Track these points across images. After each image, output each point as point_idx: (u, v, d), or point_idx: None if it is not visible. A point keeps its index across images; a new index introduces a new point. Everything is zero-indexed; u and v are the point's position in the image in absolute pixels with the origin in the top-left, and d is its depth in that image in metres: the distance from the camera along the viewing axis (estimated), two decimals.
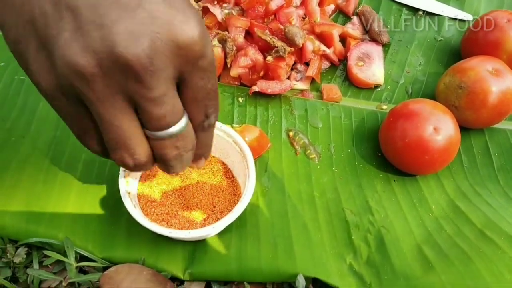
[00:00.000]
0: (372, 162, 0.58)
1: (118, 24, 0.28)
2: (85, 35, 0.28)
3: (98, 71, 0.28)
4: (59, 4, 0.28)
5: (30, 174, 0.52)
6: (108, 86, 0.29)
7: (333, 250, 0.49)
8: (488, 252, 0.47)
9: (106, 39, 0.27)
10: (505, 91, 0.57)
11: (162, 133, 0.32)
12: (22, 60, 0.31)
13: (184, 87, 0.32)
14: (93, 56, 0.28)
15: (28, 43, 0.30)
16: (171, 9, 0.29)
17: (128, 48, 0.28)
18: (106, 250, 0.48)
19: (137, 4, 0.28)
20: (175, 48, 0.29)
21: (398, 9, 0.75)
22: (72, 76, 0.28)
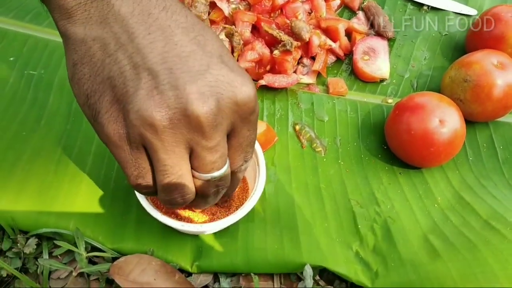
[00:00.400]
0: (378, 155, 0.59)
1: (191, 86, 0.33)
2: (160, 93, 0.33)
3: (168, 124, 0.33)
4: (138, 68, 0.33)
5: (41, 167, 0.52)
6: (174, 137, 0.34)
7: (339, 238, 0.50)
8: (494, 241, 0.48)
9: (181, 98, 0.32)
10: (510, 84, 0.57)
11: (209, 176, 0.37)
12: (92, 111, 0.35)
13: (233, 136, 0.37)
14: (167, 112, 0.33)
15: (102, 96, 0.34)
16: (232, 73, 0.34)
17: (200, 107, 0.33)
18: (116, 241, 0.48)
19: (205, 70, 0.34)
20: (235, 105, 0.35)
21: (403, 4, 0.75)
22: (145, 128, 0.33)
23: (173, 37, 0.34)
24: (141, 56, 0.33)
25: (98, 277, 0.48)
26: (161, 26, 0.34)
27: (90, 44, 0.34)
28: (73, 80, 0.36)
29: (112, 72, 0.34)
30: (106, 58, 0.34)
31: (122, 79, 0.33)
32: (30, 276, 0.48)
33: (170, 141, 0.34)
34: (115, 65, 0.34)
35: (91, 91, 0.35)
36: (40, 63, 0.62)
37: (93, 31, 0.34)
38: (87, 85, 0.35)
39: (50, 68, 0.62)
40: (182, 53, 0.34)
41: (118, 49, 0.34)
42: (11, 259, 0.48)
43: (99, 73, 0.34)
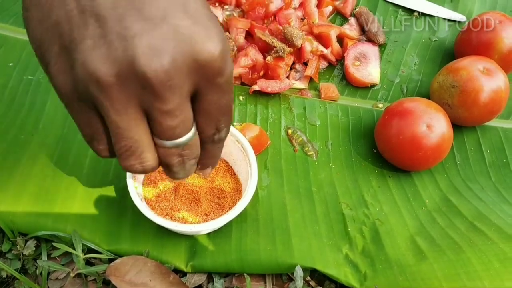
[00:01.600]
0: (368, 158, 0.60)
1: (141, 38, 0.28)
2: (107, 44, 0.28)
3: (116, 80, 0.29)
4: (86, 12, 0.29)
5: (39, 170, 0.54)
6: (124, 95, 0.30)
7: (330, 241, 0.51)
8: (478, 242, 0.49)
9: (127, 51, 0.28)
10: (496, 90, 0.59)
11: (170, 143, 0.33)
12: (43, 60, 0.32)
13: (199, 101, 0.33)
14: (113, 66, 0.29)
15: (51, 45, 0.31)
16: (195, 25, 0.30)
17: (148, 62, 0.28)
18: (113, 243, 0.50)
19: (161, 19, 0.29)
20: (195, 64, 0.30)
21: (394, 10, 0.77)
22: (90, 83, 0.29)
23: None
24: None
25: (95, 277, 0.49)
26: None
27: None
28: (26, 27, 0.32)
29: (59, 17, 0.30)
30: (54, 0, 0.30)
31: (69, 25, 0.29)
32: (29, 277, 0.49)
33: (120, 100, 0.30)
34: (62, 8, 0.30)
35: (41, 39, 0.31)
36: (38, 69, 0.64)
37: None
38: (36, 31, 0.31)
39: None
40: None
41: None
42: (11, 260, 0.50)
43: (47, 18, 0.30)
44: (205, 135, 0.35)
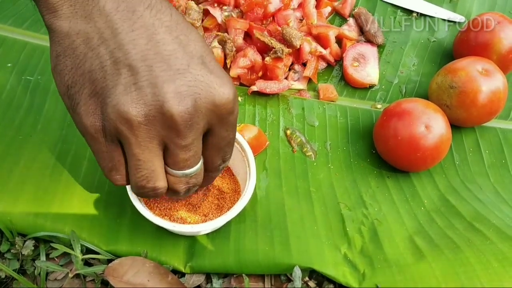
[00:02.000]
0: (366, 159, 0.61)
1: (169, 84, 0.34)
2: (139, 89, 0.34)
3: (144, 120, 0.34)
4: (119, 63, 0.34)
5: (37, 171, 0.54)
6: (149, 133, 0.35)
7: (328, 241, 0.51)
8: (476, 242, 0.49)
9: (157, 95, 0.33)
10: (494, 91, 0.59)
11: (181, 173, 0.39)
12: (71, 101, 0.36)
13: (211, 136, 0.38)
14: (143, 108, 0.34)
15: (82, 88, 0.35)
16: (211, 74, 0.36)
17: (175, 106, 0.34)
18: (111, 244, 0.50)
19: (185, 69, 0.35)
20: (212, 106, 0.35)
21: (393, 11, 0.77)
22: (120, 122, 0.34)
23: (156, 35, 0.35)
24: (123, 52, 0.34)
25: (94, 278, 0.49)
26: (145, 23, 0.35)
27: (74, 37, 0.35)
28: (56, 70, 0.37)
29: (93, 65, 0.35)
30: (89, 51, 0.35)
31: (102, 73, 0.34)
32: (27, 277, 0.49)
33: (144, 136, 0.35)
34: (97, 59, 0.35)
35: (72, 82, 0.36)
36: (37, 69, 0.64)
37: (78, 25, 0.35)
38: (68, 76, 0.36)
39: (47, 74, 0.63)
40: (163, 51, 0.34)
41: (101, 44, 0.34)
42: (10, 260, 0.50)
43: (81, 65, 0.35)
44: (212, 165, 0.41)
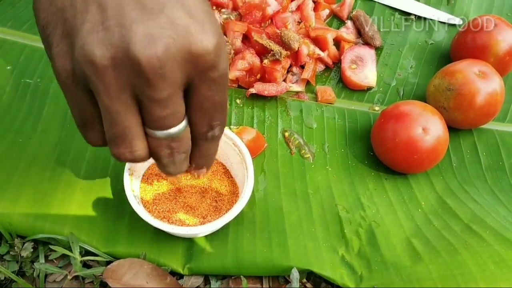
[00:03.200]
0: (364, 161, 0.61)
1: (138, 25, 0.30)
2: (105, 29, 0.30)
3: (110, 64, 0.30)
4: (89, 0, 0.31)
5: (36, 173, 0.54)
6: (117, 80, 0.31)
7: (326, 243, 0.51)
8: (473, 244, 0.50)
9: (124, 37, 0.30)
10: (491, 93, 0.59)
11: (160, 133, 0.34)
12: (47, 43, 0.34)
13: (192, 94, 0.33)
14: (109, 50, 0.30)
15: (54, 29, 0.32)
16: (191, 18, 0.31)
17: (142, 49, 0.29)
18: (110, 245, 0.50)
19: (159, 9, 0.30)
20: (188, 56, 0.31)
21: (390, 13, 0.77)
22: (86, 65, 0.30)
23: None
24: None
25: (93, 280, 0.49)
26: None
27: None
28: (34, 8, 0.34)
29: (64, 2, 0.32)
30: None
31: (73, 11, 0.31)
32: (26, 279, 0.50)
33: (113, 84, 0.31)
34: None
35: (46, 22, 0.33)
36: (36, 72, 0.64)
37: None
38: (43, 15, 0.33)
39: (46, 77, 0.63)
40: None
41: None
42: (9, 262, 0.50)
43: (54, 3, 0.33)
44: (198, 131, 0.36)
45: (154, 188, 0.53)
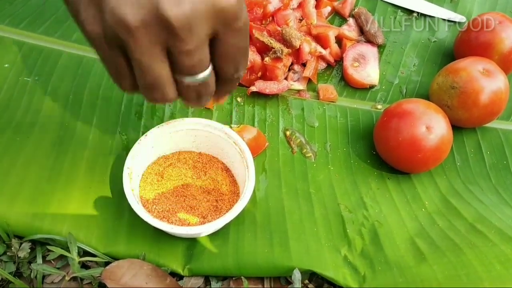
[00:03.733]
0: (367, 160, 0.60)
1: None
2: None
3: (141, 24, 0.33)
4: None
5: (34, 172, 0.53)
6: (148, 37, 0.34)
7: (328, 243, 0.51)
8: (479, 244, 0.49)
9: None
10: (496, 91, 0.58)
11: (188, 79, 0.38)
12: (74, 10, 0.36)
13: (218, 44, 0.37)
14: (139, 11, 0.32)
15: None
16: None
17: (171, 7, 0.32)
18: (109, 246, 0.49)
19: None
20: (213, 10, 0.34)
21: (393, 10, 0.77)
22: (118, 28, 0.33)
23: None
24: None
25: (91, 281, 0.48)
26: None
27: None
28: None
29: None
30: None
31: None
32: (24, 280, 0.49)
33: (144, 41, 0.34)
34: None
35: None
36: (34, 70, 0.63)
37: None
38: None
39: (44, 75, 0.63)
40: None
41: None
42: (6, 263, 0.49)
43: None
44: (224, 74, 0.40)
45: (154, 187, 0.52)
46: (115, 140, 0.58)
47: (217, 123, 0.54)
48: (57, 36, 0.67)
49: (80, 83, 0.62)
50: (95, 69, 0.64)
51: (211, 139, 0.54)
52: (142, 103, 0.61)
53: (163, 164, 0.54)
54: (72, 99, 0.61)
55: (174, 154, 0.55)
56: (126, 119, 0.60)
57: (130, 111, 0.61)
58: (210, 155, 0.55)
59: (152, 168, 0.53)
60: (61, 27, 0.68)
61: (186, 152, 0.55)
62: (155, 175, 0.53)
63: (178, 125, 0.54)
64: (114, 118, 0.60)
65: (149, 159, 0.54)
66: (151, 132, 0.52)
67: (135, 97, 0.62)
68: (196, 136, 0.55)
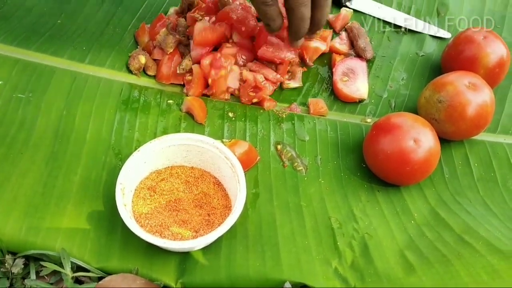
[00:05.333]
0: (357, 173, 0.61)
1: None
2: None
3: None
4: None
5: (28, 188, 0.54)
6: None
7: (319, 255, 0.51)
8: (466, 255, 0.50)
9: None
10: (481, 104, 0.60)
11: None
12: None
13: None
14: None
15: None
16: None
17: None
18: (102, 260, 0.49)
19: None
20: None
21: (381, 26, 0.78)
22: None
23: None
24: None
25: None
26: None
27: None
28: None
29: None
30: None
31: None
32: None
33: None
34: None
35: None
36: (28, 87, 0.64)
37: None
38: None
39: (38, 92, 0.63)
40: None
41: None
42: None
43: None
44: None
45: (147, 202, 0.52)
46: (108, 156, 0.58)
47: (209, 138, 0.55)
48: (50, 52, 0.68)
49: (73, 100, 0.63)
50: (88, 86, 0.65)
51: (203, 154, 0.55)
52: (135, 119, 0.62)
53: (156, 179, 0.55)
54: (66, 115, 0.61)
55: (167, 169, 0.56)
56: (119, 134, 0.61)
57: (123, 126, 0.62)
58: (202, 169, 0.56)
59: (144, 183, 0.54)
60: (55, 44, 0.69)
61: (178, 167, 0.56)
62: (148, 189, 0.54)
63: (170, 140, 0.54)
64: (107, 134, 0.60)
65: (142, 174, 0.55)
66: (144, 147, 0.53)
67: (128, 113, 0.63)
68: (188, 151, 0.55)
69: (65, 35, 0.71)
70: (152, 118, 0.63)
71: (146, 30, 0.70)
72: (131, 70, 0.67)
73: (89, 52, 0.69)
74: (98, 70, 0.68)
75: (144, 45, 0.70)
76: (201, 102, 0.64)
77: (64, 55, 0.68)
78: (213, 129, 0.63)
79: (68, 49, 0.69)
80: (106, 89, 0.65)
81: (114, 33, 0.72)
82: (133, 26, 0.73)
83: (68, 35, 0.71)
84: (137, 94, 0.66)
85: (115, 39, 0.72)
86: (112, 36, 0.72)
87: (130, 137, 0.61)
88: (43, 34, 0.70)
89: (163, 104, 0.65)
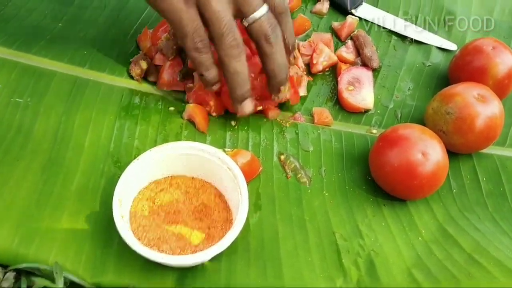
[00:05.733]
0: (362, 186, 0.59)
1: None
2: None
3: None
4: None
5: (23, 196, 0.52)
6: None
7: (323, 273, 0.49)
8: (477, 275, 0.48)
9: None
10: (491, 117, 0.58)
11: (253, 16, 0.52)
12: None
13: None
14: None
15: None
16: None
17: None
18: (96, 275, 0.48)
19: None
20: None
21: (387, 35, 0.77)
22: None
23: None
24: None
25: None
26: None
27: None
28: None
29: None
30: None
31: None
32: None
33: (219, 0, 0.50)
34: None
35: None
36: (26, 91, 0.62)
37: None
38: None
39: (37, 96, 0.62)
40: None
41: None
42: None
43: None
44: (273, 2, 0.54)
45: (145, 214, 0.51)
46: (107, 163, 0.57)
47: (211, 147, 0.53)
48: (51, 56, 0.67)
49: (72, 105, 0.61)
50: (88, 91, 0.63)
51: (204, 164, 0.54)
52: (135, 126, 0.61)
53: (155, 189, 0.53)
54: (64, 121, 0.60)
55: (166, 179, 0.54)
56: (118, 142, 0.59)
57: (123, 133, 0.60)
58: (203, 180, 0.55)
59: (143, 193, 0.52)
60: (55, 48, 0.68)
61: (178, 177, 0.54)
62: (146, 200, 0.52)
63: (171, 149, 0.53)
64: (106, 141, 0.59)
65: (141, 184, 0.53)
66: (143, 156, 0.52)
67: (128, 120, 0.61)
68: (189, 161, 0.54)
69: (66, 39, 0.69)
70: (152, 126, 0.62)
71: (149, 35, 0.69)
72: (132, 76, 0.66)
73: (90, 57, 0.68)
74: (99, 75, 0.66)
75: (146, 50, 0.68)
76: (203, 109, 0.63)
77: (65, 59, 0.67)
78: (214, 138, 0.62)
79: (69, 53, 0.67)
80: (106, 94, 0.64)
81: (116, 38, 0.71)
82: (135, 31, 0.72)
83: (69, 39, 0.69)
84: (138, 101, 0.64)
85: (117, 44, 0.70)
86: (114, 41, 0.71)
87: (130, 145, 0.59)
88: (43, 38, 0.69)
89: (164, 111, 0.63)
